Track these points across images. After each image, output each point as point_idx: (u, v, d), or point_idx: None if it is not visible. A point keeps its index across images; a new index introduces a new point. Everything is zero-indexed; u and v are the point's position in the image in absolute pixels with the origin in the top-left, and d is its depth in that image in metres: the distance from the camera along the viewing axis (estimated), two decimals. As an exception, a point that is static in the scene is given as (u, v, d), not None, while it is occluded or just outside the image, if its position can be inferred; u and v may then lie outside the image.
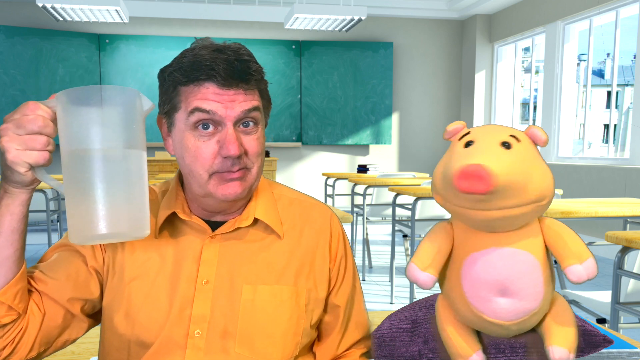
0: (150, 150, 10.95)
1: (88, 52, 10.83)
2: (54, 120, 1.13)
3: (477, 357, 1.21)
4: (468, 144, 1.08)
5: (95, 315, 1.46)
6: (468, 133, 1.11)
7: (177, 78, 1.37)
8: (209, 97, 1.34)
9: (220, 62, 1.34)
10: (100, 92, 1.09)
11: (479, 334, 1.24)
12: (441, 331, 1.26)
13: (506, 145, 1.04)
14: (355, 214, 7.68)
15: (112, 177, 1.09)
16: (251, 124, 1.38)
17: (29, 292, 1.33)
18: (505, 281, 1.10)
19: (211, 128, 1.34)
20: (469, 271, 1.14)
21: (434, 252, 1.16)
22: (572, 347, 1.13)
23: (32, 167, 1.13)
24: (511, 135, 1.06)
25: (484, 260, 1.12)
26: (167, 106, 1.40)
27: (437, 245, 1.17)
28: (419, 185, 6.43)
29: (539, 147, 1.09)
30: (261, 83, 1.42)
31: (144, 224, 1.14)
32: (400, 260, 7.84)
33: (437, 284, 1.23)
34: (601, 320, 3.39)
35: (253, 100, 1.38)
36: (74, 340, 1.42)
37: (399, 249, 8.56)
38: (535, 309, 1.12)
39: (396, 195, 5.95)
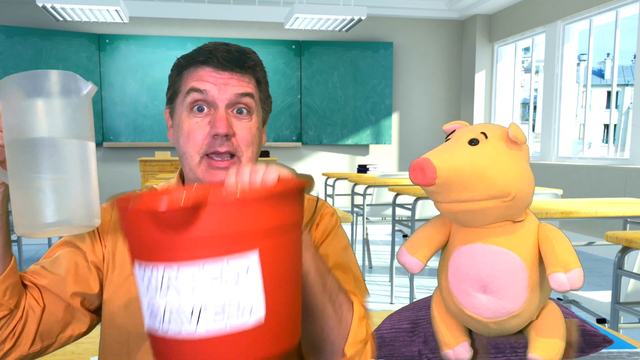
0: (150, 150, 10.95)
1: (88, 52, 10.82)
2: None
3: (462, 349, 1.21)
4: (447, 140, 1.15)
5: (97, 311, 1.46)
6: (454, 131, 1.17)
7: (180, 63, 1.47)
8: (204, 79, 1.41)
9: (220, 49, 1.43)
10: (36, 79, 1.05)
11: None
12: (432, 319, 1.27)
13: (473, 142, 1.07)
14: (355, 214, 7.67)
15: (52, 166, 1.05)
16: (244, 111, 1.44)
17: (26, 286, 1.33)
18: (486, 278, 1.11)
19: (205, 110, 1.41)
20: (454, 263, 1.16)
21: (425, 239, 1.20)
22: (553, 359, 1.13)
23: None
24: (482, 133, 1.09)
25: (469, 254, 1.13)
26: (170, 92, 1.48)
27: (429, 233, 1.21)
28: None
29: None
30: (258, 73, 1.48)
31: (91, 213, 1.09)
32: (400, 260, 7.82)
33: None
34: (601, 320, 3.39)
35: (247, 87, 1.44)
36: (78, 336, 1.42)
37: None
38: (515, 311, 1.12)
39: (396, 195, 5.95)
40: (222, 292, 0.92)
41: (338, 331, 1.28)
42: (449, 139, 1.14)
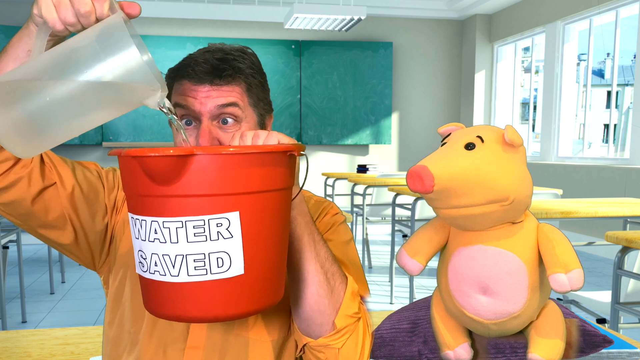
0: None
1: (88, 52, 10.79)
2: (100, 19, 1.04)
3: (462, 350, 1.21)
4: (443, 145, 1.14)
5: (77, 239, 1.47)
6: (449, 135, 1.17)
7: (168, 76, 1.49)
8: (185, 93, 1.42)
9: (200, 61, 1.42)
10: (149, 66, 1.02)
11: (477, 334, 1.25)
12: (432, 320, 1.27)
13: (470, 146, 1.07)
14: (355, 214, 7.67)
15: (70, 113, 1.02)
16: (230, 120, 1.44)
17: (44, 162, 1.35)
18: (486, 279, 1.11)
19: (193, 123, 1.43)
20: (454, 265, 1.16)
21: (425, 241, 1.20)
22: (553, 359, 1.13)
23: (44, 22, 1.05)
24: (477, 136, 1.09)
25: (469, 255, 1.13)
26: None
27: (429, 235, 1.21)
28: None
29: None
30: (243, 79, 1.47)
31: (29, 153, 1.08)
32: (400, 260, 7.82)
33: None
34: (601, 321, 3.39)
35: (230, 97, 1.43)
36: (48, 240, 1.44)
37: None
38: (515, 312, 1.12)
39: (396, 195, 5.95)
40: (202, 246, 0.99)
41: (329, 301, 1.30)
42: (444, 143, 1.14)
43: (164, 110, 1.10)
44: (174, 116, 1.14)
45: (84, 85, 0.99)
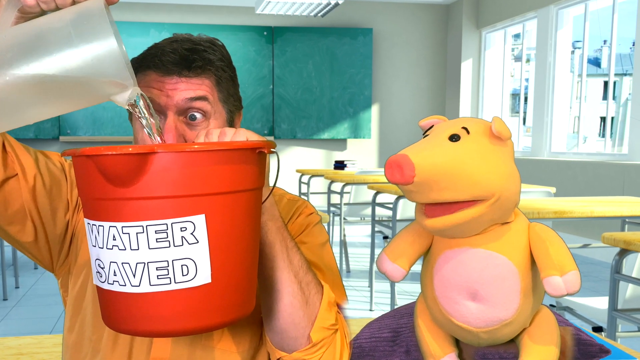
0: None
1: (41, 38, 10.72)
2: (77, 1, 1.04)
3: None
4: (425, 136, 1.15)
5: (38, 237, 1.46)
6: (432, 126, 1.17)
7: (132, 66, 1.43)
8: (150, 85, 1.40)
9: (167, 51, 1.41)
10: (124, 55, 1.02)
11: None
12: (416, 329, 1.27)
13: (454, 137, 1.08)
14: (332, 214, 7.67)
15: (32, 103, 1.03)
16: (198, 115, 1.43)
17: (6, 151, 1.35)
18: (475, 284, 1.11)
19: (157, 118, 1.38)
20: (440, 269, 1.15)
21: (407, 244, 1.20)
22: None
23: None
24: (463, 128, 1.09)
25: (456, 259, 1.13)
26: None
27: (412, 237, 1.20)
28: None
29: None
30: (213, 72, 1.46)
31: None
32: (381, 264, 7.83)
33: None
34: (597, 329, 3.41)
35: (198, 90, 1.42)
36: (8, 236, 1.43)
37: (379, 252, 8.54)
38: (507, 319, 1.12)
39: (376, 194, 5.95)
40: (165, 253, 0.97)
41: (304, 313, 1.29)
42: (427, 135, 1.14)
43: (134, 110, 1.09)
44: (148, 118, 1.12)
45: (48, 71, 0.98)
